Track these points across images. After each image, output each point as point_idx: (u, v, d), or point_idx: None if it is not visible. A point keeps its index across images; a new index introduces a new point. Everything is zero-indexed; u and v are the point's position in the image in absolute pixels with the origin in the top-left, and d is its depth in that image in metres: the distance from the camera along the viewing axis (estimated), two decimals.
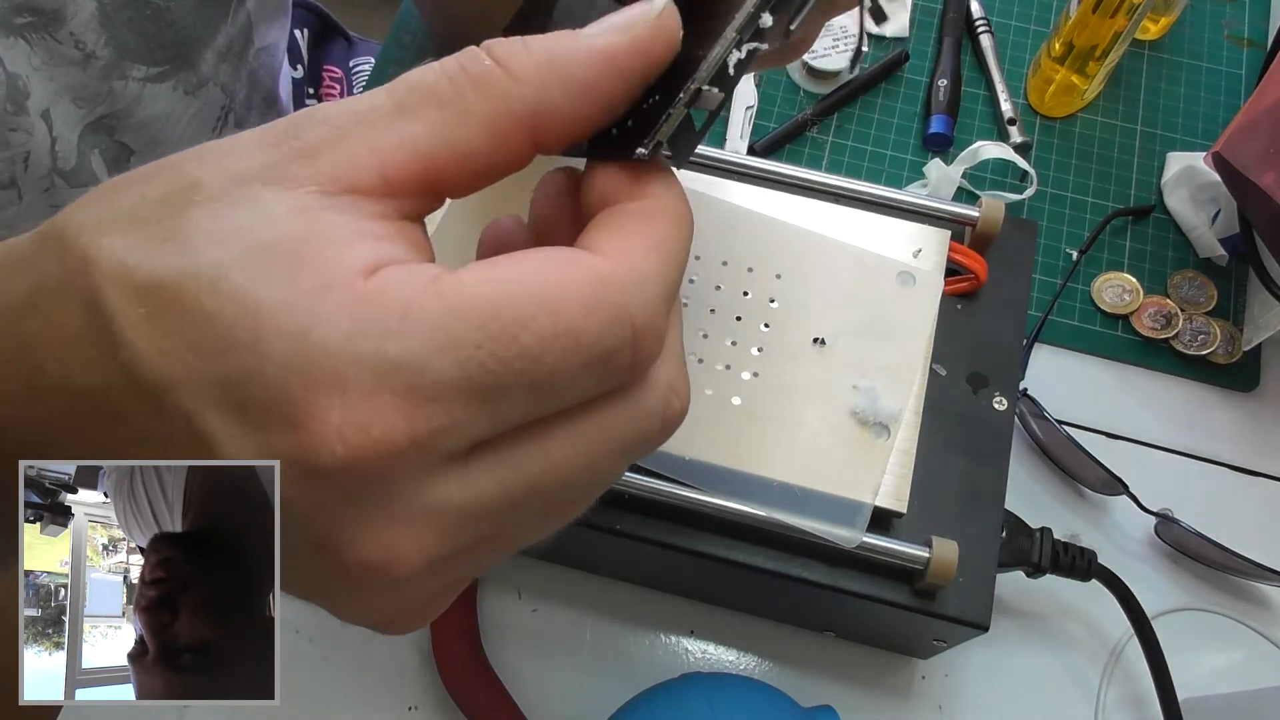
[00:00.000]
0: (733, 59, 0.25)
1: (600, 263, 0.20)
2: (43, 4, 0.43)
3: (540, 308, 0.19)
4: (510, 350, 0.19)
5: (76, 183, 0.50)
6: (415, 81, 0.21)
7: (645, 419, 0.22)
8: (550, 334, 0.19)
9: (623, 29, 0.22)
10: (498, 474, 0.20)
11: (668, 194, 0.23)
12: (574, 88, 0.21)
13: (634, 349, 0.20)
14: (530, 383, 0.19)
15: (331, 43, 0.80)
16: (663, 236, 0.22)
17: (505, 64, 0.21)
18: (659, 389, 0.22)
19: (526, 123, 0.21)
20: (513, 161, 0.22)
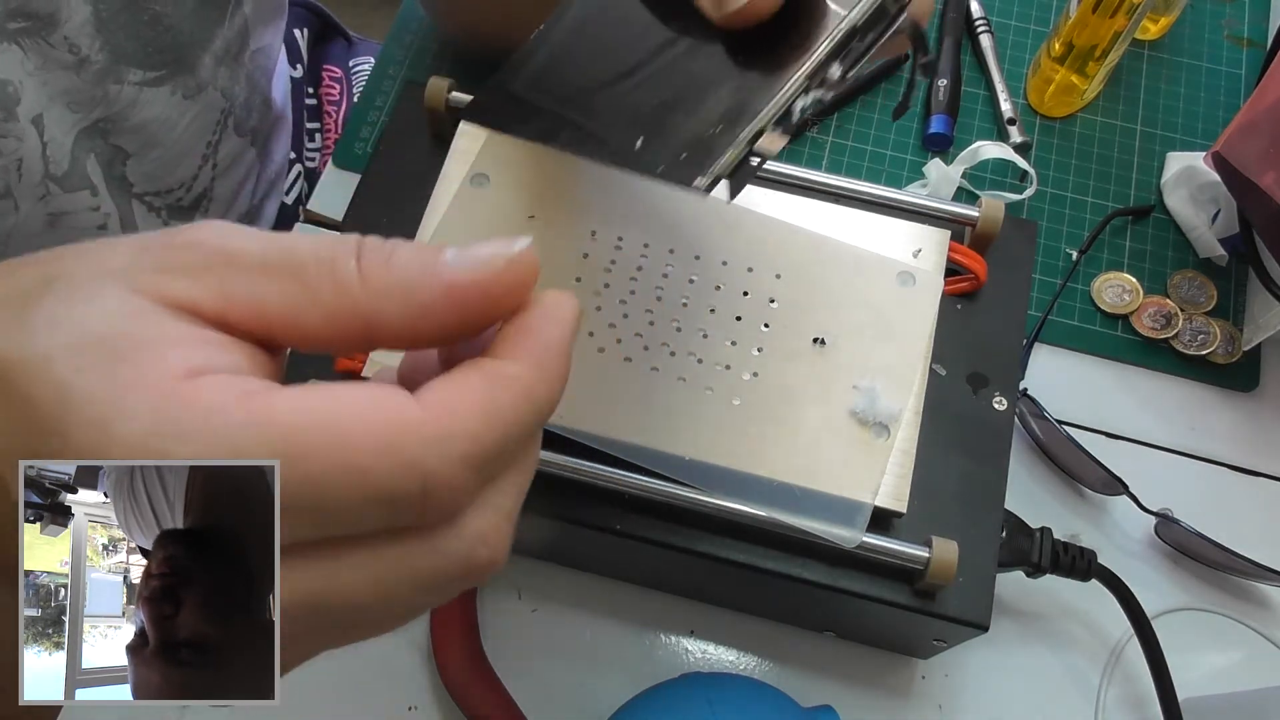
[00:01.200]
0: (799, 105, 0.25)
1: (412, 411, 0.21)
2: (36, 8, 0.43)
3: (334, 440, 0.20)
4: (296, 471, 0.20)
5: (69, 187, 0.50)
6: (290, 247, 0.23)
7: (444, 561, 0.23)
8: (338, 467, 0.20)
9: (474, 265, 0.23)
10: (286, 582, 0.21)
11: (532, 367, 0.23)
12: (412, 311, 0.23)
13: (424, 498, 0.21)
14: (311, 506, 0.20)
15: (331, 43, 0.79)
16: (495, 403, 0.22)
17: (365, 273, 0.23)
18: (465, 538, 0.23)
19: (363, 327, 0.23)
20: (347, 348, 0.23)
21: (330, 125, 0.75)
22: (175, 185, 0.56)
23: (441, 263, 0.23)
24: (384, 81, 0.64)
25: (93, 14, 0.46)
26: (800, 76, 0.25)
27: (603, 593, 0.51)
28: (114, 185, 0.52)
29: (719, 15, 0.25)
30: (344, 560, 0.22)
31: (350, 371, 0.41)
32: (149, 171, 0.54)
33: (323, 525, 0.21)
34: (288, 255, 0.23)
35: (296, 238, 0.23)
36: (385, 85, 0.64)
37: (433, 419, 0.21)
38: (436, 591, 0.23)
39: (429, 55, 0.65)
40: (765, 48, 0.26)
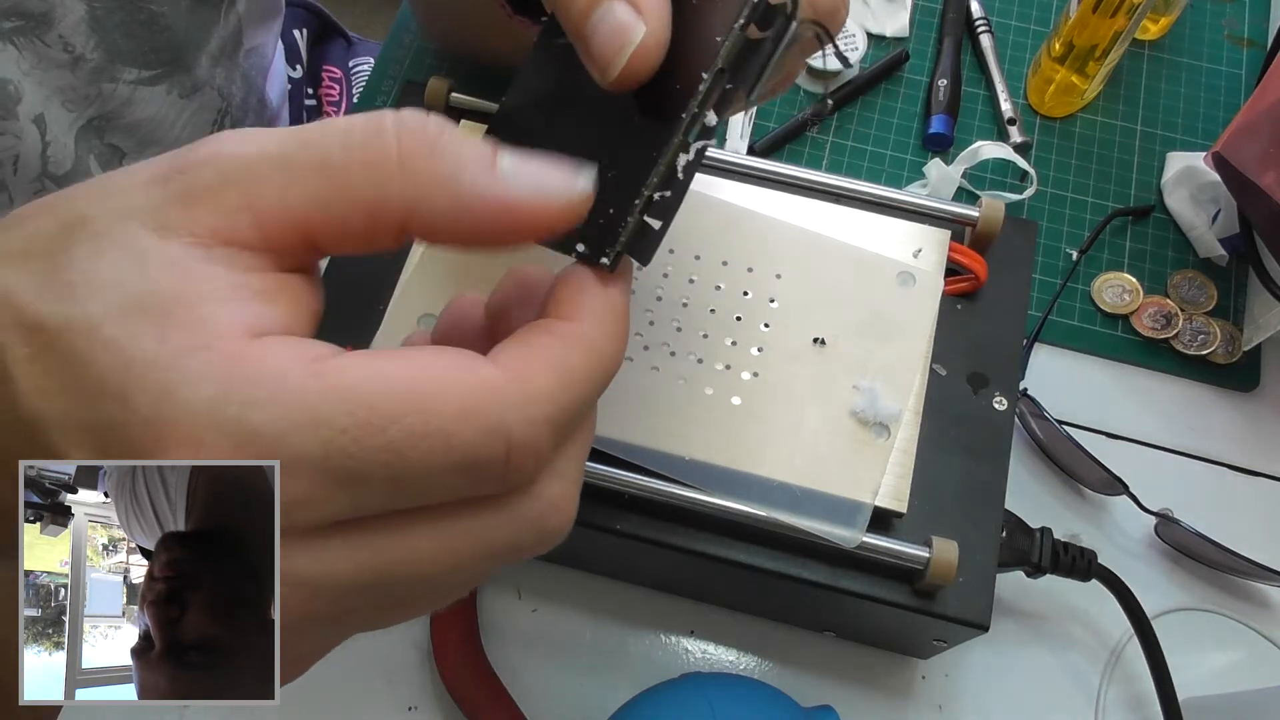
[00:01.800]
0: (681, 161, 0.25)
1: (491, 373, 0.21)
2: (31, 8, 0.43)
3: (413, 406, 0.20)
4: (375, 441, 0.19)
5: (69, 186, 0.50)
6: (312, 138, 0.21)
7: (518, 529, 0.22)
8: (419, 433, 0.20)
9: (534, 188, 0.22)
10: (355, 555, 0.21)
11: (596, 325, 0.23)
12: (460, 210, 0.22)
13: (506, 462, 0.21)
14: (392, 475, 0.20)
15: (331, 43, 0.79)
16: (569, 364, 0.22)
17: (404, 157, 0.21)
18: (538, 504, 0.22)
19: (401, 216, 0.21)
20: (387, 243, 0.22)
21: None
22: None
23: (500, 170, 0.22)
24: (384, 81, 0.64)
25: (88, 13, 0.46)
26: (677, 137, 0.25)
27: (603, 593, 0.51)
28: None
29: (604, 81, 0.25)
30: (419, 531, 0.21)
31: None
32: None
33: (402, 495, 0.20)
34: (311, 146, 0.21)
35: (325, 125, 0.22)
36: (385, 85, 0.64)
37: (513, 381, 0.21)
38: (505, 560, 0.23)
39: (429, 55, 0.65)
40: (656, 104, 0.26)
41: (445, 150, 0.22)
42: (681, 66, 0.25)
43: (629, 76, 0.24)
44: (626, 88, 0.25)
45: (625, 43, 0.24)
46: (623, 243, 0.25)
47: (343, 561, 0.20)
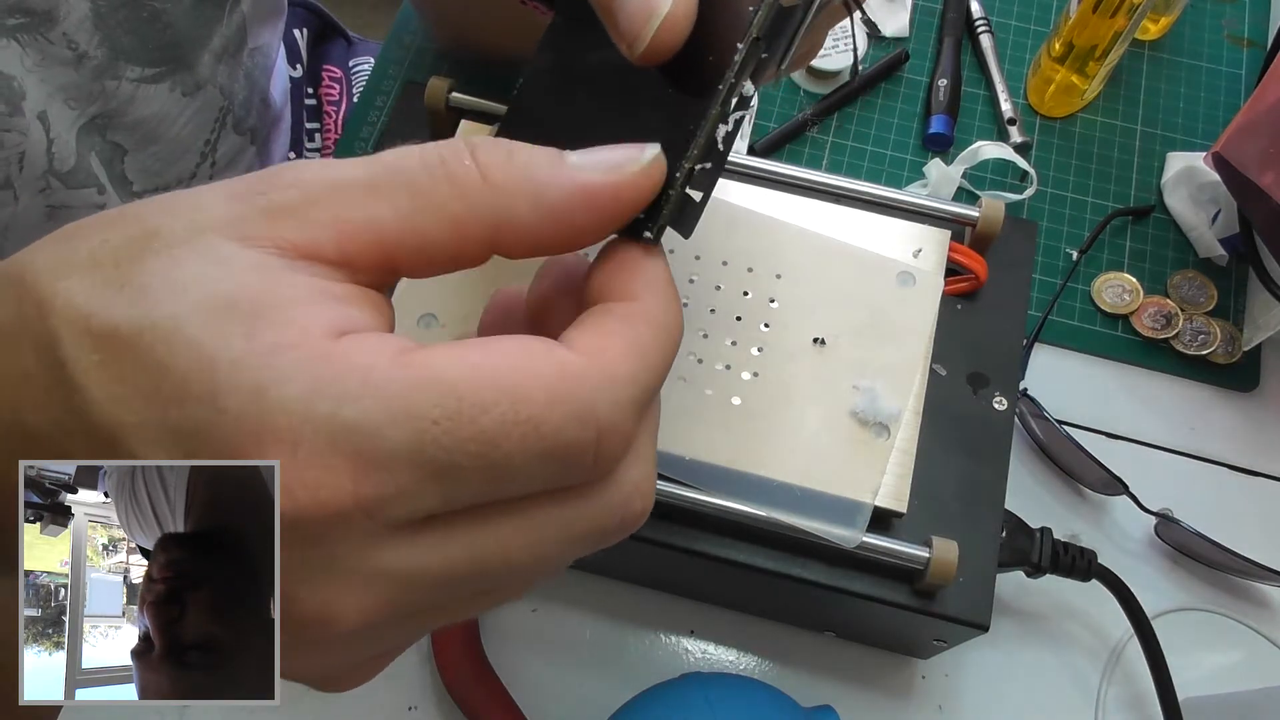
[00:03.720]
0: (721, 132, 0.25)
1: (572, 358, 0.21)
2: (34, 5, 0.43)
3: (503, 394, 0.19)
4: (468, 431, 0.19)
5: (74, 184, 0.50)
6: (394, 163, 0.22)
7: (603, 515, 0.22)
8: (510, 421, 0.19)
9: (607, 168, 0.22)
10: (445, 549, 0.21)
11: (656, 299, 0.23)
12: (543, 211, 0.22)
13: (597, 447, 0.21)
14: (485, 465, 0.20)
15: (331, 43, 0.79)
16: (642, 342, 0.22)
17: (485, 170, 0.22)
18: (623, 488, 0.22)
19: (490, 230, 0.22)
20: (470, 260, 0.22)
21: (330, 125, 0.75)
22: (173, 182, 0.56)
23: (570, 163, 0.22)
24: (384, 81, 0.64)
25: (91, 10, 0.46)
26: (715, 108, 0.25)
27: (603, 593, 0.51)
28: (117, 183, 0.53)
29: (633, 55, 0.25)
30: (509, 522, 0.21)
31: None
32: (147, 168, 0.54)
33: (494, 486, 0.20)
34: (394, 170, 0.21)
35: (399, 151, 0.22)
36: (385, 85, 0.64)
37: (595, 365, 0.21)
38: (590, 546, 0.23)
39: (429, 55, 0.65)
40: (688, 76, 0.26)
41: (519, 158, 0.22)
42: (711, 38, 0.25)
43: (658, 49, 0.24)
44: (655, 61, 0.25)
45: (653, 14, 0.24)
46: (666, 215, 0.25)
47: (434, 556, 0.20)
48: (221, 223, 0.21)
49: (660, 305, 0.23)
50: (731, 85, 0.25)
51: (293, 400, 0.19)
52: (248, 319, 0.19)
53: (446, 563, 0.21)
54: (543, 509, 0.21)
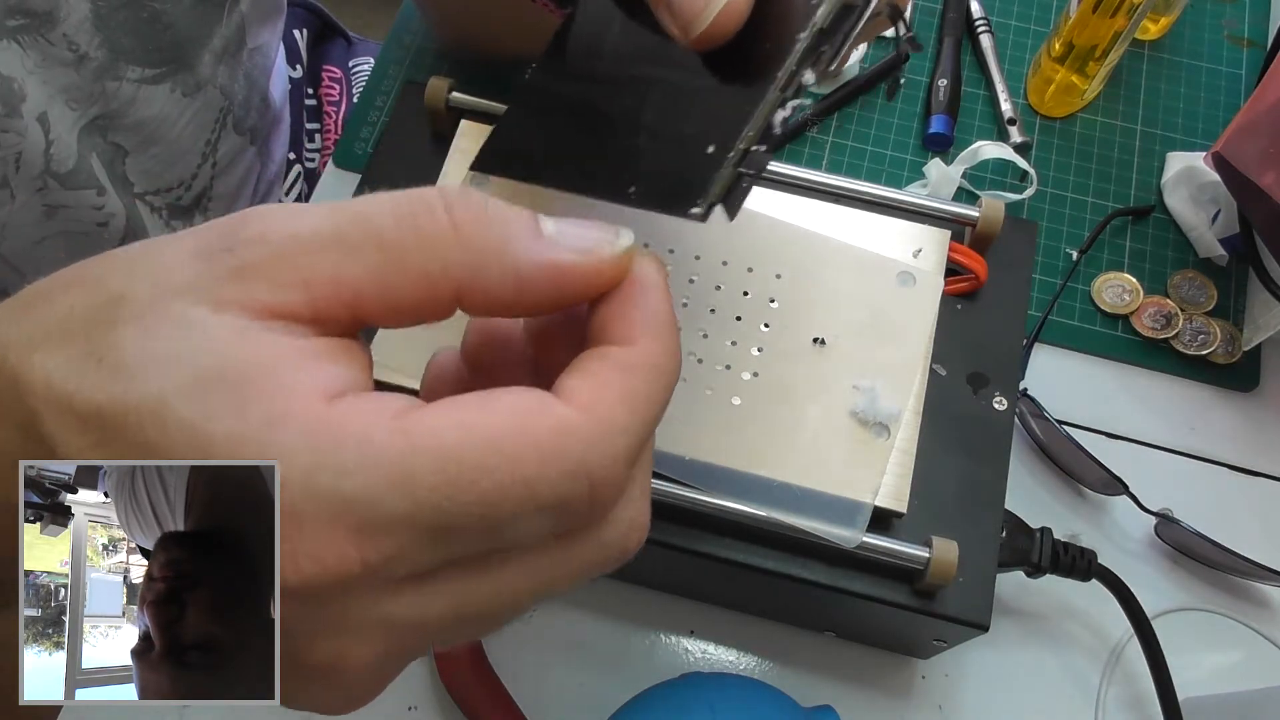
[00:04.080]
0: (778, 117, 0.25)
1: (567, 414, 0.21)
2: (34, 6, 0.43)
3: (501, 457, 0.20)
4: (468, 495, 0.20)
5: (72, 184, 0.50)
6: (363, 214, 0.21)
7: (599, 553, 0.23)
8: (507, 482, 0.20)
9: (581, 250, 0.23)
10: (449, 597, 0.21)
11: (655, 343, 0.23)
12: (511, 279, 0.22)
13: (591, 499, 0.21)
14: (485, 525, 0.20)
15: (331, 43, 0.79)
16: (636, 390, 0.22)
17: (458, 225, 0.22)
18: (619, 527, 0.23)
19: (457, 288, 0.22)
20: (435, 314, 0.22)
21: (330, 125, 0.75)
22: (175, 184, 0.56)
23: (546, 235, 0.22)
24: (384, 81, 0.64)
25: (92, 11, 0.46)
26: (774, 91, 0.25)
27: (603, 593, 0.51)
28: (118, 185, 0.52)
29: (687, 39, 0.25)
30: (508, 569, 0.22)
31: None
32: (148, 169, 0.54)
33: (494, 540, 0.21)
34: (364, 222, 0.21)
35: (370, 200, 0.22)
36: (385, 85, 0.64)
37: (589, 419, 0.21)
38: (587, 580, 0.23)
39: (429, 55, 0.65)
40: (741, 62, 0.26)
41: (495, 217, 0.22)
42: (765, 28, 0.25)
43: (716, 33, 0.24)
44: (708, 45, 0.25)
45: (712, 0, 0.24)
46: (716, 192, 0.25)
47: (438, 602, 0.21)
48: (188, 286, 0.20)
49: (657, 349, 0.23)
50: (793, 72, 0.25)
51: (292, 477, 0.19)
52: (235, 392, 0.19)
53: (453, 608, 0.21)
54: (542, 554, 0.22)
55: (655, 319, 0.23)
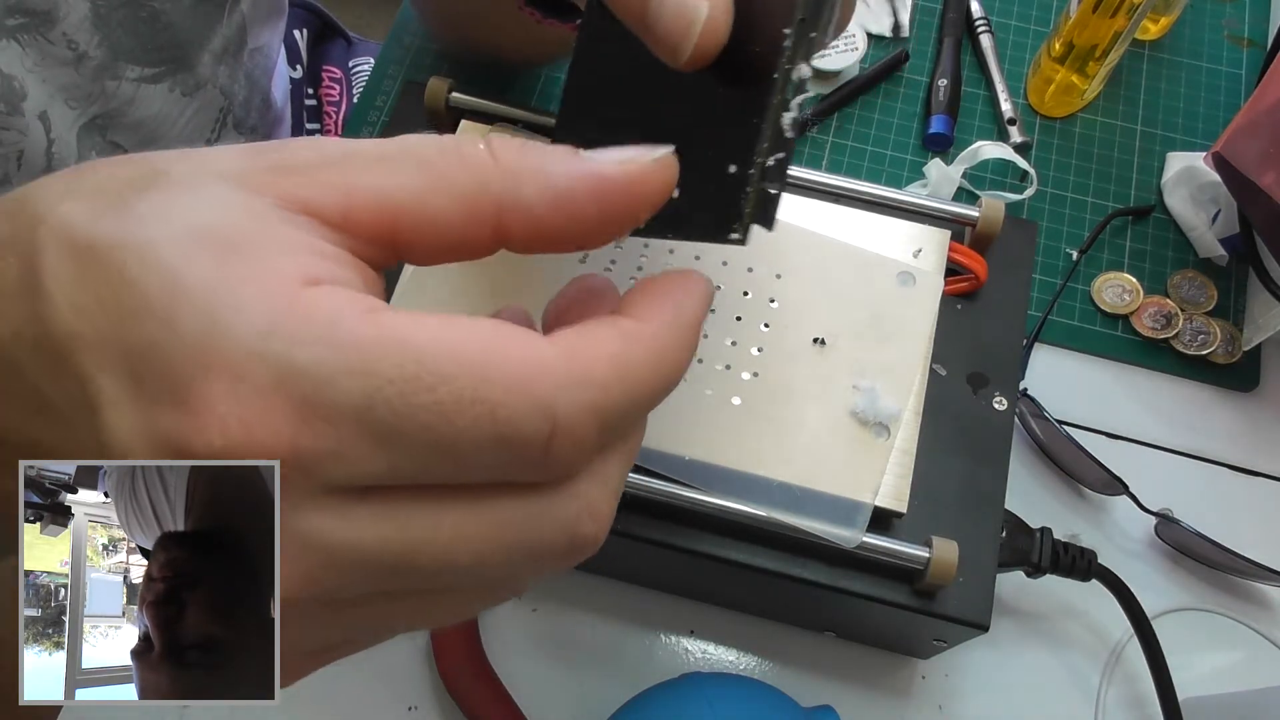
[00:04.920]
0: (786, 120, 0.25)
1: (547, 352, 0.20)
2: (34, 5, 0.43)
3: (465, 369, 0.19)
4: (422, 398, 0.19)
5: None
6: (409, 141, 0.22)
7: (550, 526, 0.21)
8: (467, 398, 0.19)
9: (620, 160, 0.22)
10: (379, 526, 0.20)
11: (665, 329, 0.22)
12: (551, 195, 0.21)
13: (548, 444, 0.20)
14: (433, 439, 0.19)
15: (331, 43, 0.80)
16: (627, 358, 0.21)
17: (496, 153, 0.22)
18: (574, 502, 0.21)
19: (497, 210, 0.21)
20: (474, 246, 0.22)
21: (330, 126, 0.75)
22: None
23: (583, 154, 0.22)
24: (384, 81, 0.64)
25: (91, 10, 0.46)
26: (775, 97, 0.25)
27: (603, 593, 0.51)
28: None
29: (677, 63, 0.24)
30: (447, 509, 0.20)
31: None
32: None
33: (438, 463, 0.19)
34: (408, 147, 0.21)
35: (413, 136, 0.22)
36: (385, 85, 0.64)
37: (567, 362, 0.20)
38: (533, 562, 0.22)
39: (429, 55, 0.65)
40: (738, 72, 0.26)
41: (533, 147, 0.22)
42: (752, 27, 0.25)
43: (701, 54, 0.24)
44: (700, 66, 0.24)
45: (692, 20, 0.24)
46: (749, 214, 0.24)
47: (366, 530, 0.20)
48: (230, 171, 0.21)
49: (666, 337, 0.22)
50: (787, 72, 0.25)
51: (248, 334, 0.18)
52: (222, 250, 0.19)
53: (380, 541, 0.20)
54: (485, 502, 0.20)
55: (680, 314, 0.23)
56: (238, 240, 0.19)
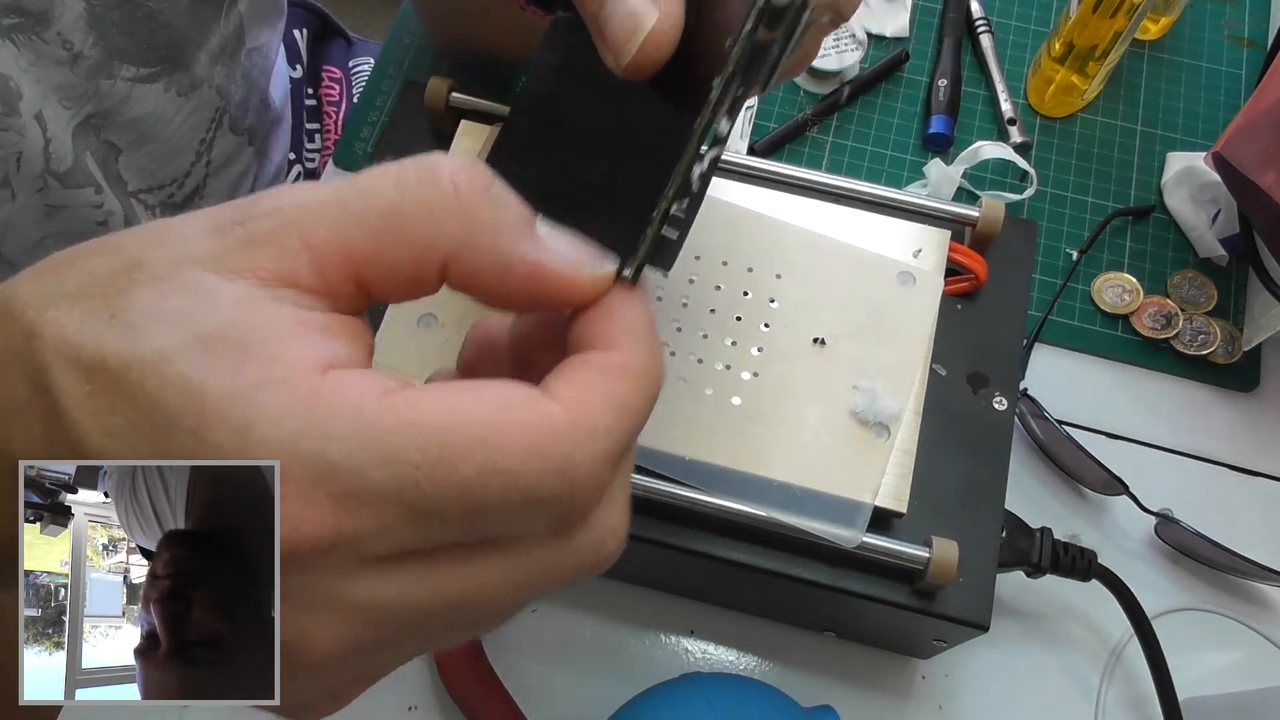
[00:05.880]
0: (695, 172, 0.25)
1: (553, 411, 0.21)
2: (29, 5, 0.43)
3: (484, 444, 0.20)
4: (448, 478, 0.20)
5: (71, 183, 0.50)
6: (368, 185, 0.22)
7: (578, 557, 0.23)
8: (490, 470, 0.20)
9: (566, 260, 0.23)
10: (423, 583, 0.21)
11: (636, 350, 0.23)
12: (498, 265, 0.22)
13: (571, 499, 0.21)
14: (464, 510, 0.20)
15: (331, 43, 0.79)
16: (620, 395, 0.22)
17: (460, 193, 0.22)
18: (597, 531, 0.23)
19: (445, 258, 0.22)
20: (423, 288, 0.23)
21: (330, 125, 0.75)
22: (167, 181, 0.56)
23: (537, 235, 0.23)
24: (384, 81, 0.64)
25: (86, 10, 0.46)
26: (691, 146, 0.25)
27: (603, 593, 0.51)
28: (112, 182, 0.52)
29: (619, 67, 0.25)
30: (489, 562, 0.22)
31: None
32: (141, 166, 0.54)
33: (471, 528, 0.21)
34: (369, 192, 0.22)
35: (377, 170, 0.22)
36: (385, 85, 0.64)
37: (575, 419, 0.21)
38: (565, 584, 0.23)
39: (429, 55, 0.65)
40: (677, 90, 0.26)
41: (497, 197, 0.22)
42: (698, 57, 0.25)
43: (641, 63, 0.24)
44: (640, 75, 0.25)
45: (637, 28, 0.24)
46: (643, 255, 0.25)
47: (412, 589, 0.21)
48: (203, 256, 0.21)
49: (640, 357, 0.23)
50: (707, 124, 0.25)
51: (281, 438, 0.19)
52: (235, 354, 0.20)
53: (424, 596, 0.21)
54: (520, 551, 0.22)
55: (637, 329, 0.24)
56: (241, 339, 0.20)
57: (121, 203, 0.53)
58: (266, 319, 0.21)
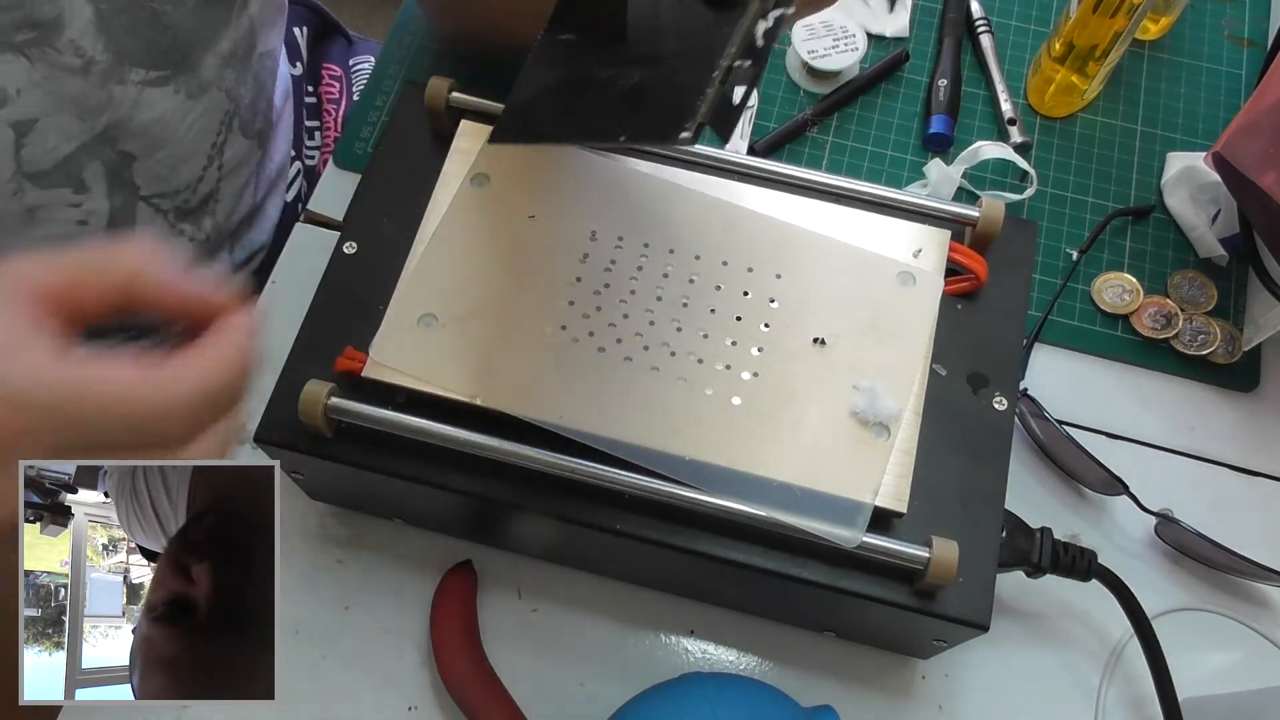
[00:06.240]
0: (760, 29, 0.25)
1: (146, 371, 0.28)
2: (41, 16, 0.43)
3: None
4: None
5: (47, 184, 0.49)
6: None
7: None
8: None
9: (215, 357, 0.28)
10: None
11: (216, 358, 0.29)
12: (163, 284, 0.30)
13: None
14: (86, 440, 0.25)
15: (331, 41, 0.79)
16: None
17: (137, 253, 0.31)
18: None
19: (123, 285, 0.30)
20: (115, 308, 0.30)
21: (330, 123, 0.75)
22: (182, 187, 0.56)
23: (206, 346, 0.29)
24: (384, 81, 0.64)
25: (94, 14, 0.46)
26: (754, 3, 0.24)
27: (603, 593, 0.51)
28: (117, 188, 0.52)
29: None
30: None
31: (350, 372, 0.41)
32: (156, 173, 0.54)
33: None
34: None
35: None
36: (385, 85, 0.64)
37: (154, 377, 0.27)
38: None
39: (429, 55, 0.65)
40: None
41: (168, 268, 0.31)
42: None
43: None
44: None
45: None
46: (704, 113, 0.24)
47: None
48: None
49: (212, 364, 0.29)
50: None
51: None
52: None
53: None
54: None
55: (232, 339, 0.30)
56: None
57: (114, 205, 0.53)
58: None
